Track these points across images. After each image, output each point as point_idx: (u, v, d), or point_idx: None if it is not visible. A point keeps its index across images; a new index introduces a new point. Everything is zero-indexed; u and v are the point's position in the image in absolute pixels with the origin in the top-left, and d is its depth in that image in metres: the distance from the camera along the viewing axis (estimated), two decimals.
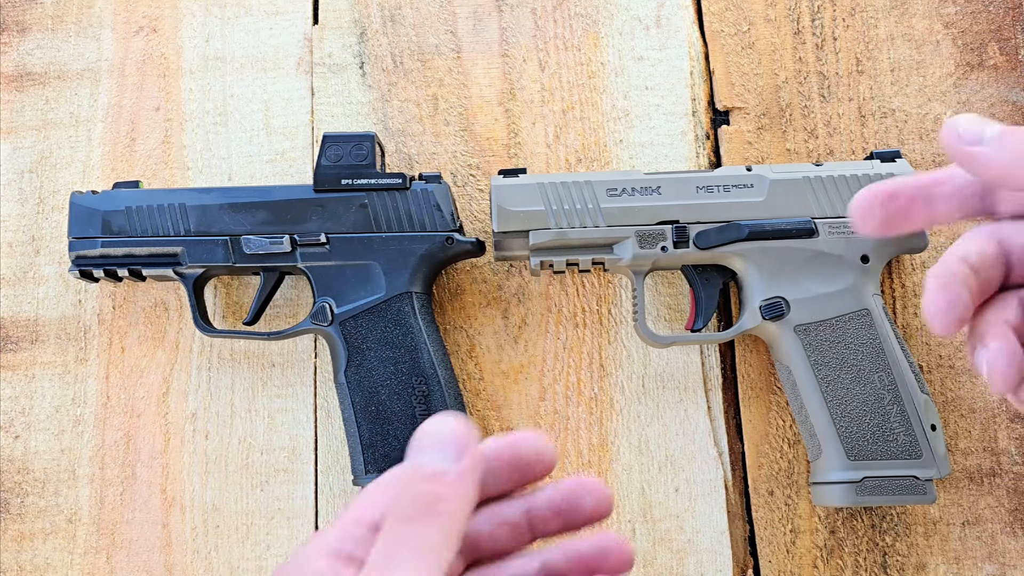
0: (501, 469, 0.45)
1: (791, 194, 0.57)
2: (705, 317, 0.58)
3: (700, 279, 0.59)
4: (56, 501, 0.64)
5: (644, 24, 0.70)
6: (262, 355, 0.66)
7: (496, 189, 0.58)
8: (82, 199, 0.63)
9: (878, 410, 0.55)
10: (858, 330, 0.55)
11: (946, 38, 0.69)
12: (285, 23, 0.72)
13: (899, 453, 0.54)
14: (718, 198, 0.57)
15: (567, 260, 0.58)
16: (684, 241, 0.57)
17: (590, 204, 0.57)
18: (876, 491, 0.54)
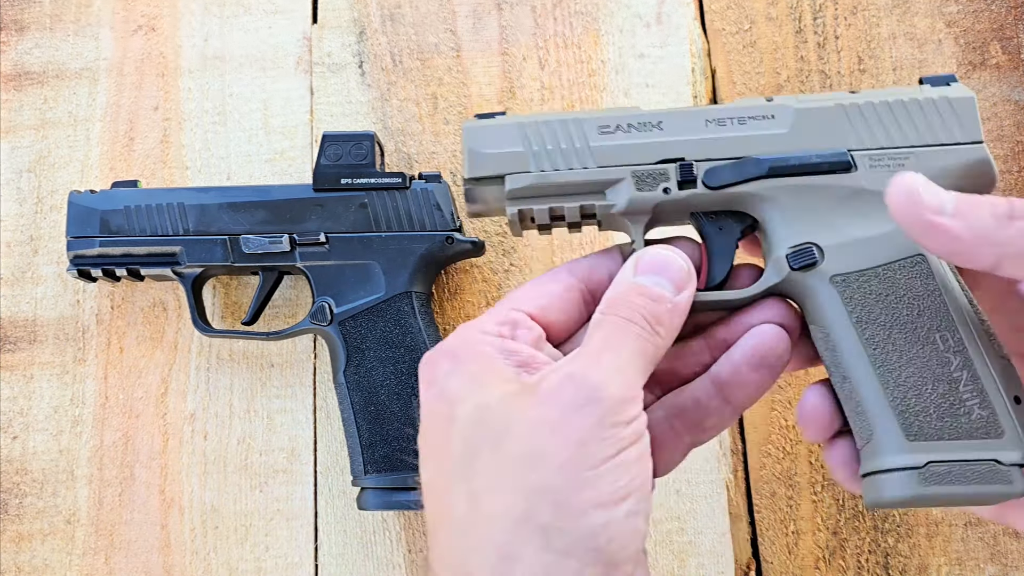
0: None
1: (822, 124, 0.47)
2: (719, 273, 0.47)
3: (712, 227, 0.48)
4: (54, 502, 0.64)
5: (645, 21, 0.69)
6: (261, 355, 0.66)
7: (468, 131, 0.48)
8: (80, 198, 0.62)
9: (943, 377, 0.43)
10: (912, 279, 0.44)
11: (948, 37, 0.68)
12: (284, 22, 0.71)
13: (974, 431, 0.42)
14: (732, 131, 0.47)
15: (550, 208, 0.47)
16: (691, 181, 0.46)
17: (578, 143, 0.47)
18: (945, 480, 0.41)
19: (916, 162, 0.45)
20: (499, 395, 0.37)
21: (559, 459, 0.35)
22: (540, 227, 0.49)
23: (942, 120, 0.45)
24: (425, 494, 0.39)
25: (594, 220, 0.48)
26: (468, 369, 0.39)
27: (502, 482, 0.36)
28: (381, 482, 0.58)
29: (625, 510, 0.35)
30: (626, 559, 0.35)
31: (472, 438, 0.37)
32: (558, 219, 0.48)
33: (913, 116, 0.46)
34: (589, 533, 0.35)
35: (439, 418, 0.39)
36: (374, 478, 0.58)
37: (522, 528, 0.35)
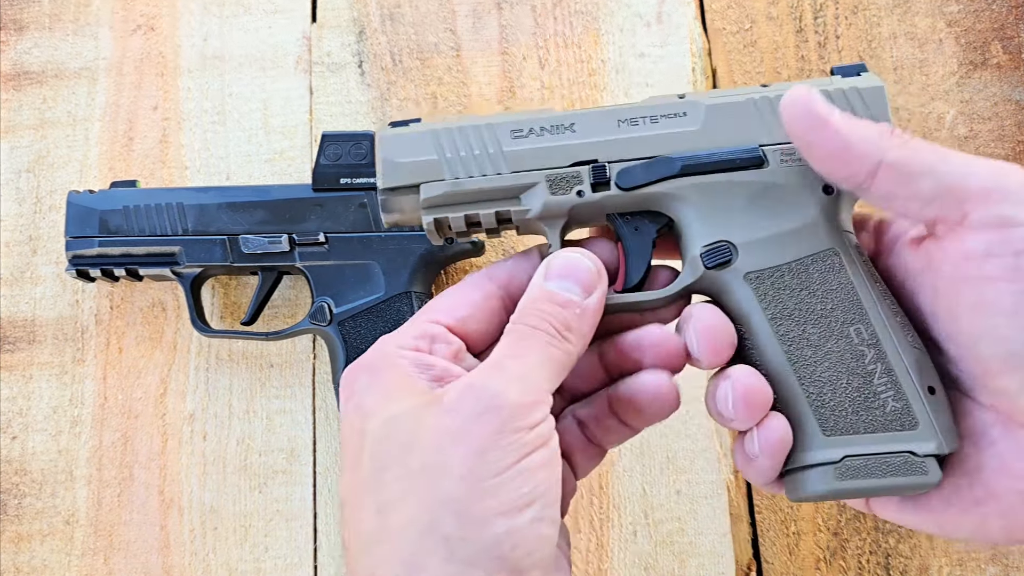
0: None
1: (733, 120, 0.46)
2: (636, 274, 0.47)
3: (628, 228, 0.47)
4: (53, 502, 0.64)
5: (645, 20, 0.69)
6: (260, 356, 0.65)
7: (381, 141, 0.47)
8: (79, 198, 0.62)
9: (857, 371, 0.43)
10: (824, 274, 0.44)
11: (949, 37, 0.68)
12: (284, 22, 0.71)
13: (889, 423, 0.42)
14: (644, 131, 0.47)
15: (466, 216, 0.47)
16: (604, 183, 0.46)
17: (491, 149, 0.47)
18: (862, 473, 0.42)
19: None
20: (407, 408, 0.38)
21: (461, 469, 0.35)
22: (458, 234, 0.49)
23: (852, 111, 0.44)
24: (341, 509, 0.40)
25: (511, 225, 0.48)
26: (382, 383, 0.39)
27: (408, 495, 0.36)
28: None
29: (529, 517, 0.35)
30: (532, 566, 0.35)
31: (380, 452, 0.37)
32: (475, 225, 0.48)
33: None
34: (493, 542, 0.35)
35: (353, 432, 0.39)
36: None
37: (426, 539, 0.35)
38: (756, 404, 0.41)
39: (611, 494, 0.62)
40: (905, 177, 0.38)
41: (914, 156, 0.38)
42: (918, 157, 0.38)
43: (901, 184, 0.39)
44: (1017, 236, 0.37)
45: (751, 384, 0.41)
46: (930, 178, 0.38)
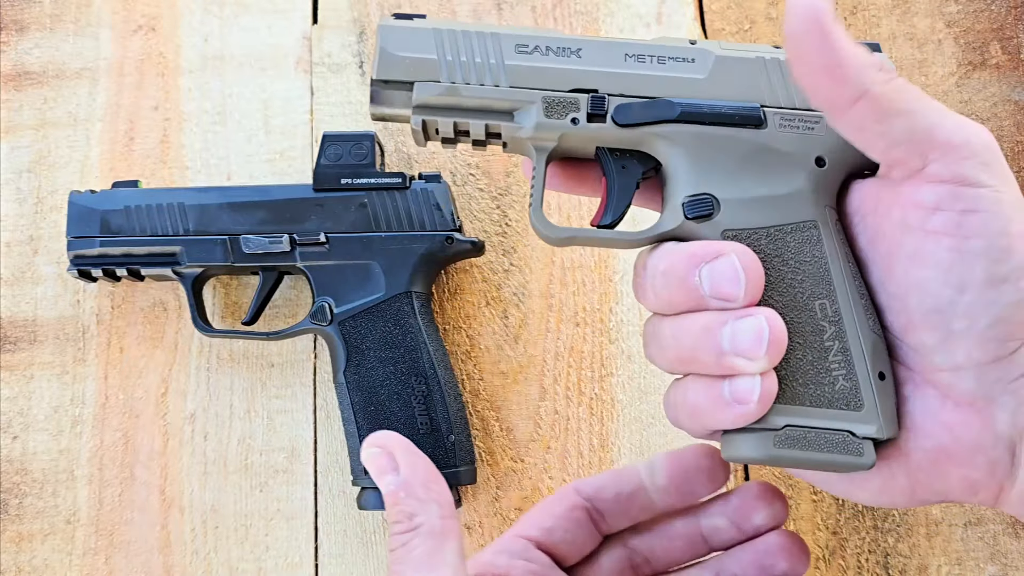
0: (671, 484, 0.47)
1: (740, 75, 0.46)
2: (615, 212, 0.46)
3: (615, 165, 0.46)
4: (54, 502, 0.64)
5: (645, 21, 0.69)
6: (261, 355, 0.66)
7: (382, 30, 0.46)
8: (80, 198, 0.62)
9: (815, 344, 0.42)
10: (801, 244, 0.43)
11: (948, 37, 0.68)
12: (284, 22, 0.71)
13: (835, 401, 0.42)
14: (650, 69, 0.46)
15: (455, 123, 0.46)
16: (601, 115, 0.45)
17: (493, 59, 0.46)
18: (799, 444, 0.41)
19: (825, 127, 0.44)
20: None
21: None
22: (444, 140, 0.48)
23: None
24: None
25: (499, 140, 0.47)
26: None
27: None
28: None
29: None
30: None
31: None
32: (463, 134, 0.47)
33: None
34: None
35: None
36: None
37: None
38: (783, 348, 0.40)
39: None
40: (881, 114, 0.38)
41: (896, 95, 0.38)
42: (900, 97, 0.38)
43: (876, 119, 0.38)
44: (967, 195, 0.38)
45: (781, 326, 0.40)
46: (904, 120, 0.38)
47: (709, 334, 0.40)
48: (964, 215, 0.38)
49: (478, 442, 0.64)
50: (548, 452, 0.63)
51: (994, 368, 0.38)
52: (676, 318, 0.42)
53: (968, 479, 0.40)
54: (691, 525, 0.48)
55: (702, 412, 0.41)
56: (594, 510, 0.47)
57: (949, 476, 0.40)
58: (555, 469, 0.63)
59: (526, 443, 0.64)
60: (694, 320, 0.41)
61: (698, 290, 0.40)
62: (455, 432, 0.59)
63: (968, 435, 0.39)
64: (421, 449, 0.57)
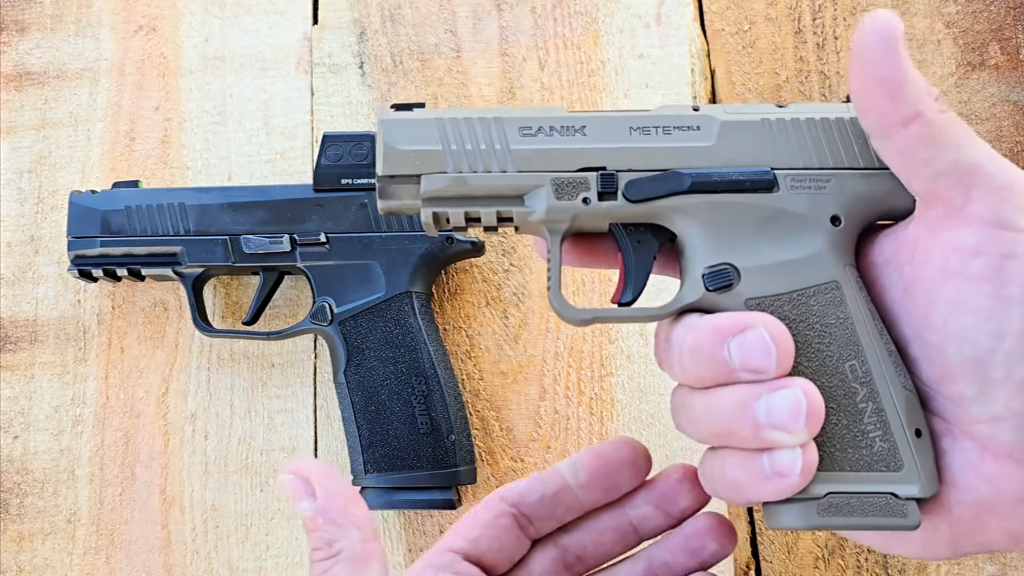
0: (593, 480, 0.47)
1: (747, 139, 0.45)
2: (635, 288, 0.46)
3: (631, 241, 0.46)
4: (55, 501, 0.64)
5: (644, 22, 0.70)
6: (261, 355, 0.66)
7: (384, 124, 0.46)
8: (81, 199, 0.63)
9: (848, 408, 0.42)
10: (824, 307, 0.43)
11: (947, 38, 0.68)
12: (285, 23, 0.71)
13: (874, 464, 0.42)
14: (656, 142, 0.45)
15: (466, 212, 0.46)
16: (612, 192, 0.45)
17: (498, 145, 0.45)
18: (842, 511, 0.41)
19: (836, 185, 0.44)
20: None
21: None
22: (455, 228, 0.47)
23: (865, 142, 0.44)
24: None
25: (511, 223, 0.47)
26: None
27: None
28: (381, 481, 0.58)
29: None
30: None
31: None
32: (474, 221, 0.47)
33: (838, 136, 0.44)
34: None
35: None
36: (374, 477, 0.58)
37: None
38: (821, 419, 0.39)
39: None
40: (931, 141, 0.38)
41: (948, 126, 0.38)
42: (951, 129, 0.38)
43: (924, 146, 0.38)
44: (1006, 239, 0.37)
45: (818, 395, 0.39)
46: (952, 152, 0.38)
47: (744, 409, 0.39)
48: (1003, 260, 0.37)
49: (478, 442, 0.64)
50: (548, 452, 0.63)
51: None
52: (707, 392, 0.41)
53: (1011, 531, 0.39)
54: (619, 517, 0.47)
55: (743, 486, 0.40)
56: (520, 515, 0.46)
57: (991, 529, 0.40)
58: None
59: (526, 443, 0.64)
60: (727, 394, 0.40)
61: (728, 364, 0.39)
62: (455, 432, 0.59)
63: (1009, 487, 0.38)
64: (421, 449, 0.58)
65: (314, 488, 0.40)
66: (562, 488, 0.46)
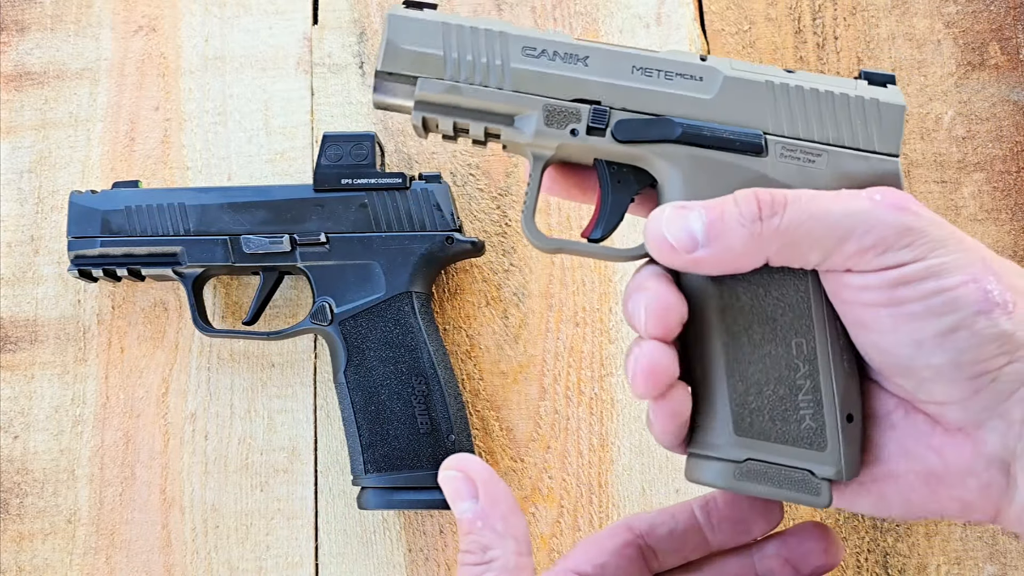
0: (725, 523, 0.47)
1: (747, 98, 0.44)
2: (607, 226, 0.46)
3: (612, 178, 0.46)
4: (55, 501, 0.64)
5: (644, 22, 0.70)
6: (261, 355, 0.66)
7: (392, 19, 0.46)
8: (81, 199, 0.63)
9: (786, 381, 0.42)
10: (786, 280, 0.43)
11: (947, 38, 0.68)
12: (285, 23, 0.71)
13: (799, 439, 0.42)
14: (656, 84, 0.45)
15: (455, 123, 0.46)
16: (601, 129, 0.45)
17: (498, 60, 0.45)
18: (758, 478, 0.42)
19: (827, 161, 0.43)
20: None
21: None
22: (444, 136, 0.48)
23: (865, 124, 0.44)
24: None
25: (498, 140, 0.47)
26: None
27: None
28: (381, 481, 0.58)
29: None
30: None
31: None
32: (463, 132, 0.47)
33: (838, 112, 0.44)
34: None
35: None
36: (374, 477, 0.58)
37: None
38: (656, 381, 0.41)
39: (611, 493, 0.62)
40: (791, 248, 0.40)
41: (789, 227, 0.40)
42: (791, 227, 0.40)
43: (790, 253, 0.40)
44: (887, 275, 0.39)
45: (656, 359, 0.41)
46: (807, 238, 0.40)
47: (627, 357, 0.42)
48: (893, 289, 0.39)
49: (478, 442, 0.64)
50: (548, 452, 0.63)
51: (978, 398, 0.39)
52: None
53: (961, 500, 0.40)
54: (745, 565, 0.47)
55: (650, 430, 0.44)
56: (646, 547, 0.46)
57: (941, 498, 0.41)
58: (555, 469, 0.63)
59: (526, 443, 0.64)
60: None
61: (627, 316, 0.43)
62: (455, 432, 0.59)
63: (958, 459, 0.40)
64: (421, 449, 0.58)
65: (478, 490, 0.40)
66: (692, 526, 0.47)
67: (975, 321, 0.37)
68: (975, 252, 0.39)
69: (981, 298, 0.37)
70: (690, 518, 0.47)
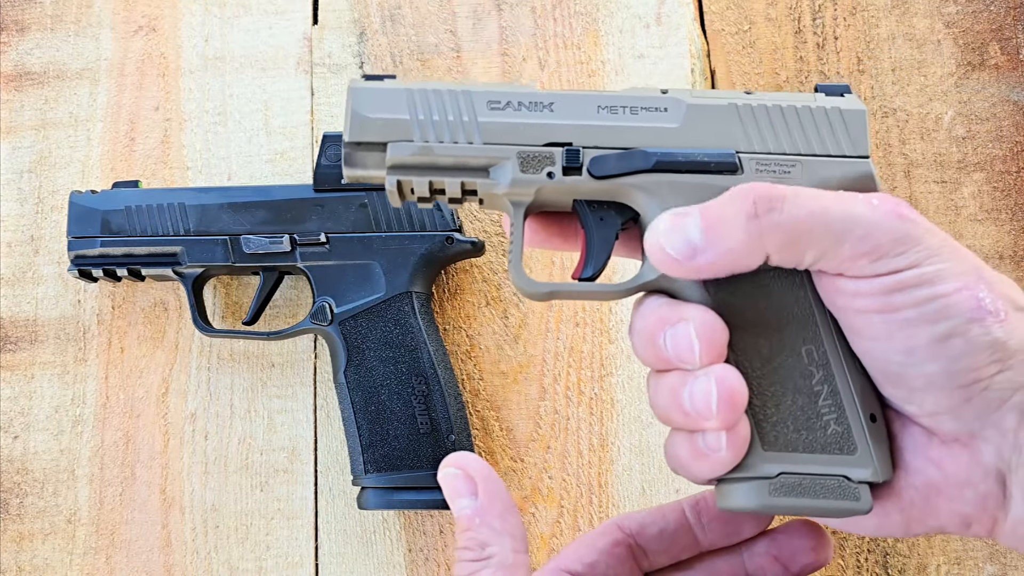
0: (715, 523, 0.47)
1: (713, 122, 0.45)
2: (595, 265, 0.46)
3: (593, 217, 0.46)
4: (55, 501, 0.64)
5: (644, 22, 0.70)
6: (261, 355, 0.66)
7: (353, 92, 0.46)
8: (81, 199, 0.63)
9: (804, 390, 0.42)
10: (785, 289, 0.43)
11: (947, 37, 0.68)
12: (285, 23, 0.71)
13: (828, 446, 0.42)
14: (623, 120, 0.46)
15: (431, 182, 0.46)
16: (576, 168, 0.45)
17: (466, 116, 0.46)
18: (794, 491, 0.42)
19: (802, 171, 0.44)
20: None
21: None
22: (420, 199, 0.47)
23: (832, 131, 0.44)
24: None
25: (476, 196, 0.47)
26: None
27: None
28: (381, 481, 0.58)
29: None
30: None
31: None
32: (439, 192, 0.47)
33: (804, 124, 0.45)
34: None
35: None
36: (374, 478, 0.58)
37: None
38: (737, 406, 0.40)
39: (611, 493, 0.62)
40: (790, 245, 0.40)
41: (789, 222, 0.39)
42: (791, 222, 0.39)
43: (789, 250, 0.40)
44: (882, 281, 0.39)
45: (735, 385, 0.40)
46: (806, 235, 0.39)
47: (674, 395, 0.40)
48: (889, 295, 0.38)
49: (478, 442, 0.64)
50: (548, 452, 0.63)
51: (969, 407, 0.38)
52: (656, 375, 0.42)
53: (959, 513, 0.40)
54: (735, 564, 0.47)
55: (686, 463, 0.42)
56: (636, 547, 0.46)
57: (940, 511, 0.41)
58: (555, 469, 0.63)
59: (526, 443, 0.64)
60: (665, 380, 0.41)
61: (664, 352, 0.41)
62: (455, 432, 0.59)
63: (956, 470, 0.40)
64: (421, 449, 0.58)
65: (477, 487, 0.40)
66: (682, 525, 0.47)
67: (968, 328, 0.37)
68: (968, 261, 0.39)
69: (974, 306, 0.37)
70: (680, 518, 0.47)
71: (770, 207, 0.39)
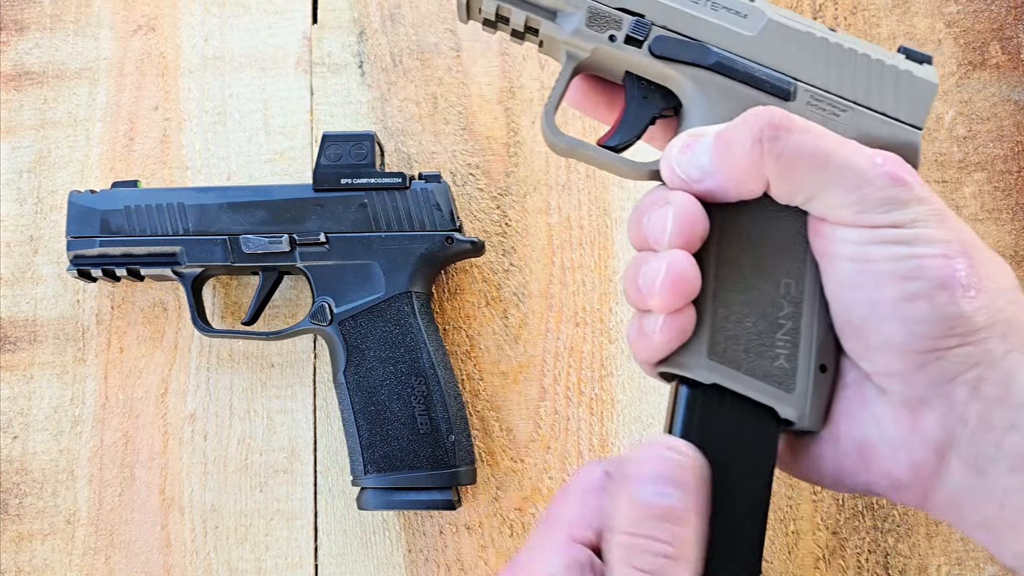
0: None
1: (786, 44, 0.45)
2: (623, 136, 0.46)
3: (639, 92, 0.46)
4: (54, 502, 0.64)
5: None
6: (261, 355, 0.66)
7: None
8: (80, 198, 0.62)
9: (769, 318, 0.42)
10: (787, 221, 0.43)
11: (948, 37, 0.68)
12: (284, 22, 0.71)
13: (769, 376, 0.42)
14: (701, 12, 0.46)
15: (498, 7, 0.46)
16: (639, 40, 0.45)
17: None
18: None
19: (851, 118, 0.44)
20: None
21: None
22: (485, 21, 0.48)
23: (896, 92, 0.44)
24: None
25: (536, 37, 0.47)
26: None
27: None
28: (381, 482, 0.58)
29: None
30: None
31: None
32: (503, 20, 0.48)
33: (871, 75, 0.45)
34: None
35: None
36: (374, 478, 0.58)
37: None
38: (682, 291, 0.40)
39: None
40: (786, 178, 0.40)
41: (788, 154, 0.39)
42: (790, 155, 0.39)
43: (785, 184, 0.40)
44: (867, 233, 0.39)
45: (684, 269, 0.40)
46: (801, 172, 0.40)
47: (635, 271, 0.41)
48: (865, 244, 0.39)
49: (478, 442, 0.64)
50: (548, 452, 0.63)
51: (921, 373, 0.38)
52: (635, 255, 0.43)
53: (889, 475, 0.40)
54: None
55: (632, 342, 0.42)
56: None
57: (872, 469, 0.40)
58: (555, 469, 0.63)
59: (526, 443, 0.64)
60: (637, 258, 0.42)
61: (643, 229, 0.42)
62: (455, 432, 0.59)
63: (895, 432, 0.39)
64: (421, 449, 0.58)
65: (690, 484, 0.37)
66: None
67: (935, 294, 0.37)
68: (956, 233, 0.39)
69: (948, 273, 0.37)
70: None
71: (775, 135, 0.39)
